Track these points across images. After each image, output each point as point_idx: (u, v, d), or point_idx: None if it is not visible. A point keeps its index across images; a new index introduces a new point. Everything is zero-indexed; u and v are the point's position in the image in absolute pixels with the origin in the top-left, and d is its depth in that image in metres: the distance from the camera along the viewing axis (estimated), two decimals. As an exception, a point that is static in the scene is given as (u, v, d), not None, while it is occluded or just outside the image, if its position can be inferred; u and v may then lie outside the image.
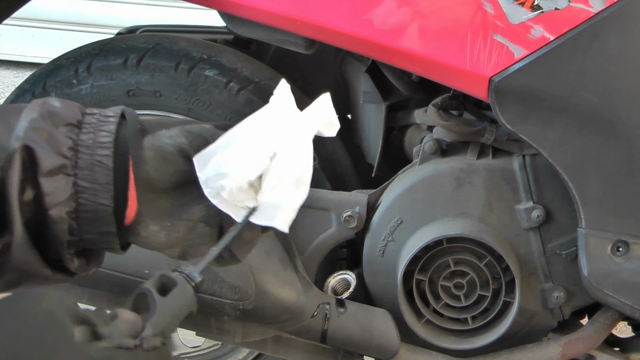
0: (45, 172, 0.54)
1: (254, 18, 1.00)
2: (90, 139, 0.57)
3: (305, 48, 1.05)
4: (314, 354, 1.08)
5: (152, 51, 1.14)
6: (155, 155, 0.59)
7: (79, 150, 0.57)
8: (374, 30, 0.92)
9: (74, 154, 0.56)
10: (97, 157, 0.57)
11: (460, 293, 1.06)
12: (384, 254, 1.07)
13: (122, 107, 0.61)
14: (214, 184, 0.58)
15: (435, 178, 1.04)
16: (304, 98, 1.18)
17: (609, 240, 0.97)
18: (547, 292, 1.05)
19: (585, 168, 0.94)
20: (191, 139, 0.60)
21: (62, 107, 0.58)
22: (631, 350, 1.11)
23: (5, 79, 3.29)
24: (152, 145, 0.60)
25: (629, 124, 0.92)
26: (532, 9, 0.88)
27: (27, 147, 0.54)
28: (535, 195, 1.02)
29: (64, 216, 0.55)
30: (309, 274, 1.09)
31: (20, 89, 1.21)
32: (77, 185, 0.56)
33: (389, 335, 1.03)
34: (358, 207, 1.08)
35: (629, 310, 0.99)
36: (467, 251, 1.05)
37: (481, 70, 0.90)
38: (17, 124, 0.55)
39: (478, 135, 1.03)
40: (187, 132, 0.61)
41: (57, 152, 0.55)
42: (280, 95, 0.61)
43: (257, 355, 1.32)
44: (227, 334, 1.03)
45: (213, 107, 1.13)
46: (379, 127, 1.19)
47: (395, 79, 1.13)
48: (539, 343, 1.07)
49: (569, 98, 0.91)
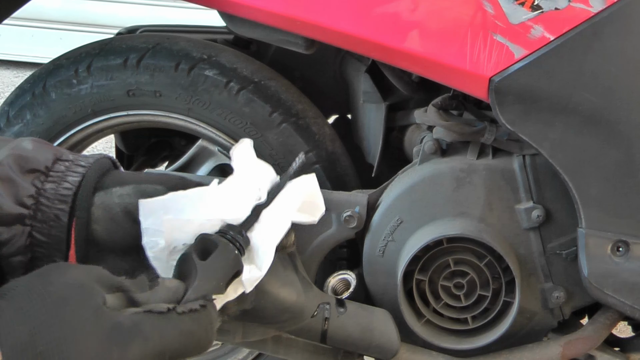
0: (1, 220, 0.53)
1: (254, 18, 1.00)
2: (52, 189, 0.55)
3: (305, 48, 1.05)
4: (314, 354, 1.08)
5: (152, 51, 1.14)
6: (102, 215, 0.57)
7: (40, 201, 0.55)
8: (374, 30, 0.92)
9: (35, 203, 0.55)
10: (54, 211, 0.55)
11: (460, 293, 1.06)
12: (384, 254, 1.07)
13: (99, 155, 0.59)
14: (151, 237, 0.56)
15: (435, 178, 1.04)
16: (304, 98, 1.19)
17: (609, 240, 0.97)
18: (547, 292, 1.05)
19: (585, 168, 0.94)
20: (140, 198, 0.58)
21: (33, 150, 0.56)
22: (631, 350, 1.11)
23: (5, 79, 3.29)
24: (102, 203, 0.57)
25: (629, 124, 0.92)
26: (532, 9, 0.88)
27: None
28: (535, 195, 1.02)
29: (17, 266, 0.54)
30: (309, 274, 1.09)
31: (20, 89, 1.21)
32: (33, 237, 0.55)
33: (389, 335, 1.03)
34: (358, 207, 1.08)
35: (629, 310, 0.99)
36: (467, 251, 1.05)
37: (481, 70, 0.90)
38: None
39: (478, 135, 1.03)
40: (139, 193, 0.58)
41: (16, 200, 0.54)
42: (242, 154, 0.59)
43: (257, 355, 1.32)
44: (227, 334, 1.03)
45: (213, 107, 1.13)
46: (379, 127, 1.19)
47: (395, 79, 1.13)
48: (539, 343, 1.07)
49: (569, 98, 0.91)
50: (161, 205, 0.56)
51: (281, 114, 1.13)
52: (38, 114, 1.17)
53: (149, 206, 0.56)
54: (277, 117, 1.13)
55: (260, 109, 1.13)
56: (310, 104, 1.19)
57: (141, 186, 0.59)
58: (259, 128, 1.13)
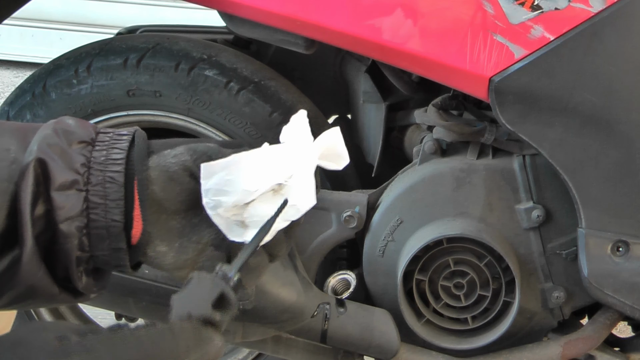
0: (58, 186, 0.55)
1: (254, 18, 1.00)
2: (102, 156, 0.58)
3: (305, 48, 1.05)
4: (314, 354, 1.08)
5: (152, 51, 1.14)
6: (160, 175, 0.59)
7: (92, 167, 0.57)
8: (374, 30, 0.92)
9: (87, 170, 0.57)
10: (108, 174, 0.57)
11: (460, 293, 1.06)
12: (384, 254, 1.07)
13: (135, 128, 0.62)
14: (213, 197, 0.58)
15: (435, 178, 1.04)
16: (304, 98, 1.19)
17: (609, 240, 0.97)
18: (547, 292, 1.05)
19: (585, 168, 0.94)
20: (196, 157, 0.60)
21: (76, 125, 0.59)
22: (631, 350, 1.11)
23: (5, 79, 3.29)
24: (158, 164, 0.59)
25: (629, 124, 0.92)
26: (532, 9, 0.88)
27: (41, 160, 0.54)
28: (535, 195, 1.02)
29: (74, 231, 0.55)
30: (309, 274, 1.09)
31: (20, 89, 1.21)
32: (89, 200, 0.56)
33: (389, 335, 1.03)
34: (358, 207, 1.08)
35: (629, 310, 0.99)
36: (467, 251, 1.05)
37: (481, 70, 0.90)
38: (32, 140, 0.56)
39: (478, 135, 1.03)
40: (191, 151, 0.60)
41: (70, 167, 0.56)
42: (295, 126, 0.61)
43: (257, 355, 1.32)
44: (227, 334, 1.03)
45: (213, 107, 1.13)
46: (379, 127, 1.19)
47: (395, 79, 1.13)
48: (539, 343, 1.07)
49: (569, 98, 0.91)
50: (224, 166, 0.58)
51: (281, 114, 1.13)
52: (38, 114, 1.17)
53: (210, 168, 0.58)
54: (277, 117, 1.13)
55: (260, 109, 1.13)
56: (310, 104, 1.19)
57: (191, 145, 0.61)
58: (259, 128, 1.13)
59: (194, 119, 1.15)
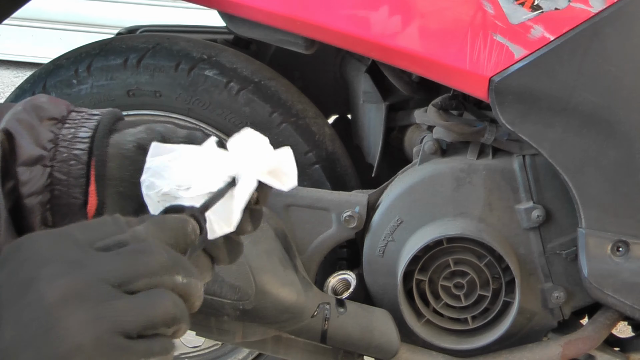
0: (23, 161, 0.56)
1: (254, 18, 1.00)
2: (70, 134, 0.59)
3: (305, 48, 1.05)
4: (314, 354, 1.08)
5: (152, 51, 1.14)
6: (117, 152, 0.60)
7: (59, 143, 0.58)
8: (374, 30, 0.92)
9: (54, 147, 0.58)
10: (73, 151, 0.58)
11: (460, 293, 1.06)
12: (384, 254, 1.07)
13: (112, 109, 0.63)
14: (150, 177, 0.57)
15: (435, 178, 1.04)
16: (304, 98, 1.19)
17: (609, 240, 0.97)
18: (547, 292, 1.05)
19: (585, 168, 0.94)
20: (153, 136, 0.61)
21: (48, 102, 0.60)
22: (631, 350, 1.11)
23: (5, 79, 3.29)
24: (116, 142, 0.60)
25: (629, 124, 0.92)
26: (532, 9, 0.88)
27: (8, 133, 0.55)
28: (535, 195, 1.02)
29: (37, 206, 0.56)
30: (309, 274, 1.09)
31: (20, 89, 1.21)
32: (53, 177, 0.58)
33: (389, 335, 1.03)
34: (358, 207, 1.08)
35: (629, 310, 0.99)
36: (467, 251, 1.05)
37: (481, 70, 0.90)
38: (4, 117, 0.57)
39: (478, 135, 1.03)
40: (149, 130, 0.61)
41: (37, 143, 0.57)
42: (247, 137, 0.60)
43: (257, 355, 1.32)
44: (227, 334, 1.03)
45: (213, 107, 1.13)
46: (379, 127, 1.19)
47: (395, 79, 1.13)
48: (539, 343, 1.07)
49: (569, 98, 0.91)
50: (170, 150, 0.58)
51: (281, 114, 1.13)
52: (38, 114, 1.17)
53: (158, 149, 0.58)
54: (277, 117, 1.13)
55: (260, 109, 1.13)
56: (310, 104, 1.19)
57: (151, 124, 0.62)
58: (259, 128, 1.12)
59: (194, 119, 1.15)
